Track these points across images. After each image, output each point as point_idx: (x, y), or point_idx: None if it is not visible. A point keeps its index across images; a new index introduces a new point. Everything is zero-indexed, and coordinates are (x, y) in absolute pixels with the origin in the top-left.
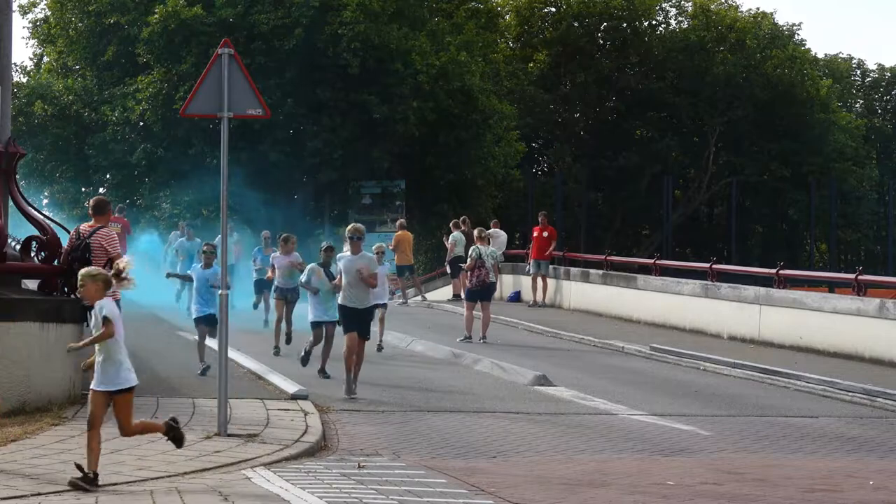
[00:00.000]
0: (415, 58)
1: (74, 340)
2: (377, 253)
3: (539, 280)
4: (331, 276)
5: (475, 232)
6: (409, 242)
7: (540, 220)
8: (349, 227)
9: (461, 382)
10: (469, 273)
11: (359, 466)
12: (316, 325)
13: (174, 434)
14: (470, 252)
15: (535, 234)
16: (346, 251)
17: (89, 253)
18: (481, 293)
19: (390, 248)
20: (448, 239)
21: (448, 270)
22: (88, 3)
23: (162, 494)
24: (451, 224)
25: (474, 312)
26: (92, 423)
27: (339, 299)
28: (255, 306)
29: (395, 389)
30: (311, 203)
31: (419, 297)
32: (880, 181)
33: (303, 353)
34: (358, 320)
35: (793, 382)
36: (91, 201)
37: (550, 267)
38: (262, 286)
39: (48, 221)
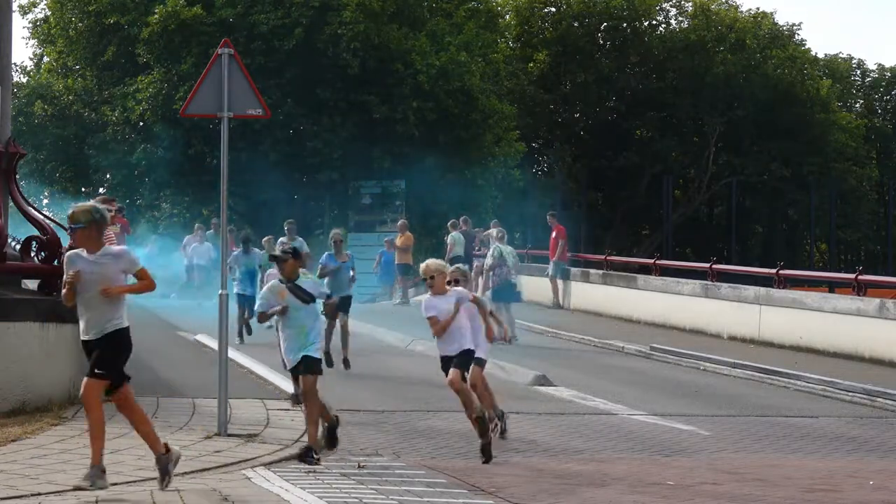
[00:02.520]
0: (415, 58)
1: (75, 340)
2: None
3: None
4: (306, 296)
5: (493, 232)
6: (412, 243)
7: (548, 221)
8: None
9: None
10: (491, 272)
11: (359, 466)
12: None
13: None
14: (491, 251)
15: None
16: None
17: None
18: (506, 293)
19: (389, 246)
20: (448, 239)
21: None
22: (88, 3)
23: (162, 494)
24: (448, 224)
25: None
26: None
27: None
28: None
29: (396, 389)
30: (311, 203)
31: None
32: (880, 181)
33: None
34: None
35: (793, 382)
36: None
37: (561, 268)
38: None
39: (48, 221)
